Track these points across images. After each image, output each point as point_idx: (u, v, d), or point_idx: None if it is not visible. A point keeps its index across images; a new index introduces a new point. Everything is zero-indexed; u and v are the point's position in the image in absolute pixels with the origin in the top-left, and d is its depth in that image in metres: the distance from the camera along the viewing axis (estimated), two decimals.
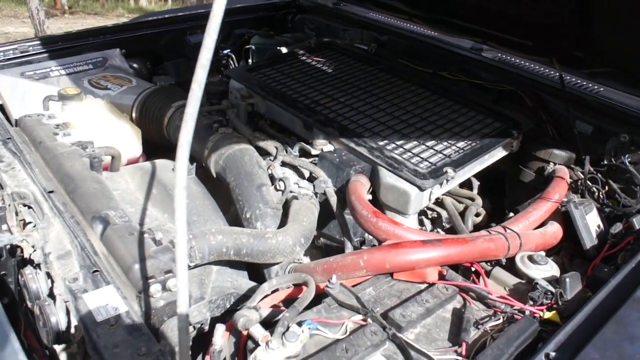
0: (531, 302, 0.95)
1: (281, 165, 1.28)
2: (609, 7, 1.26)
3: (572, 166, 1.44)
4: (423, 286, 0.97)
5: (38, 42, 1.86)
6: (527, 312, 0.91)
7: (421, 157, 1.28)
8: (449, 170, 1.22)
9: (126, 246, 0.96)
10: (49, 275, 1.02)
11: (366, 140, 1.32)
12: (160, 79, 1.90)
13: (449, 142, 1.34)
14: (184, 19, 2.20)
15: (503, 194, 1.58)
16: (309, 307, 0.91)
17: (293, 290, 0.99)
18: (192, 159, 1.39)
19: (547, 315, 0.92)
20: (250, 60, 2.13)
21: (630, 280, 0.92)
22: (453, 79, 1.76)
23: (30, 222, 1.09)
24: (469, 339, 0.85)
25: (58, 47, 1.87)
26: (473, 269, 1.05)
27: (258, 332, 0.80)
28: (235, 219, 1.23)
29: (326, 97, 1.54)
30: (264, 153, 1.36)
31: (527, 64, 1.76)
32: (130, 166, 1.36)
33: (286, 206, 1.22)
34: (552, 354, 0.78)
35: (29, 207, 1.13)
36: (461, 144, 1.34)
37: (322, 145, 1.33)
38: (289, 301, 0.95)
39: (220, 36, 2.35)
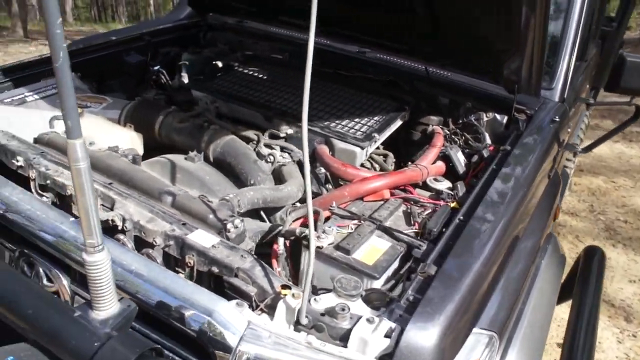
0: (442, 201, 1.65)
1: (264, 146, 1.82)
2: (448, 17, 2.00)
3: (441, 126, 2.19)
4: (382, 202, 1.61)
5: (1, 72, 2.09)
6: (442, 204, 1.60)
7: (355, 129, 1.91)
8: (375, 134, 1.87)
9: (196, 205, 1.44)
10: (136, 237, 1.44)
11: (316, 122, 1.91)
12: (116, 95, 2.27)
13: (368, 117, 2.00)
14: (117, 43, 2.55)
15: (395, 150, 2.29)
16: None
17: (304, 219, 1.55)
18: (187, 152, 1.85)
19: (453, 205, 1.62)
20: (183, 74, 2.55)
21: (486, 181, 1.65)
22: (350, 75, 2.43)
23: (104, 206, 1.48)
24: (418, 220, 1.50)
25: (20, 75, 2.13)
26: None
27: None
28: (239, 186, 1.74)
29: (272, 96, 2.09)
30: (244, 139, 1.87)
31: (401, 60, 2.49)
32: (146, 161, 1.77)
33: (274, 172, 1.77)
34: (461, 217, 1.46)
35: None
36: (376, 118, 2.00)
37: (286, 130, 1.89)
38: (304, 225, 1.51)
39: (148, 55, 2.78)
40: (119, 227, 1.44)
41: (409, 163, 1.86)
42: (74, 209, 1.53)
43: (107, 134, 1.79)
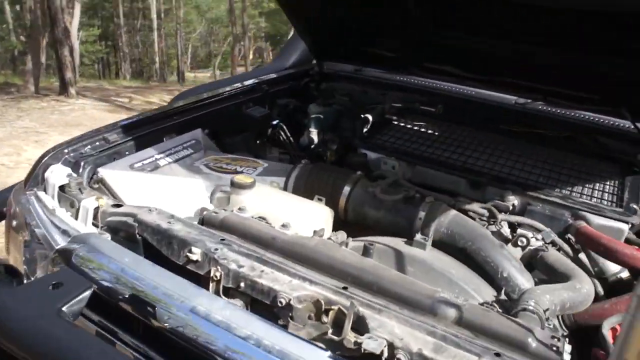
0: None
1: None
2: None
3: None
4: None
5: (120, 129, 1.65)
6: None
7: (598, 198, 1.48)
8: (634, 205, 1.43)
9: (499, 323, 0.96)
10: None
11: (549, 191, 1.47)
12: (242, 154, 1.82)
13: (600, 183, 1.56)
14: (236, 94, 2.13)
15: None
16: None
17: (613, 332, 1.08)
18: (394, 234, 1.38)
19: None
20: (312, 129, 2.11)
21: None
22: (518, 131, 2.01)
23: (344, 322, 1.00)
24: None
25: (139, 134, 1.68)
26: None
27: None
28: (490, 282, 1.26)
29: (465, 157, 1.66)
30: (465, 214, 1.41)
31: (571, 111, 2.08)
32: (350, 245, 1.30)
33: (522, 258, 1.31)
34: None
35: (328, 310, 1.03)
36: (609, 183, 1.56)
37: (513, 201, 1.45)
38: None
39: (265, 106, 2.30)
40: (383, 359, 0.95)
41: None
42: (291, 328, 1.04)
43: (294, 211, 1.33)
